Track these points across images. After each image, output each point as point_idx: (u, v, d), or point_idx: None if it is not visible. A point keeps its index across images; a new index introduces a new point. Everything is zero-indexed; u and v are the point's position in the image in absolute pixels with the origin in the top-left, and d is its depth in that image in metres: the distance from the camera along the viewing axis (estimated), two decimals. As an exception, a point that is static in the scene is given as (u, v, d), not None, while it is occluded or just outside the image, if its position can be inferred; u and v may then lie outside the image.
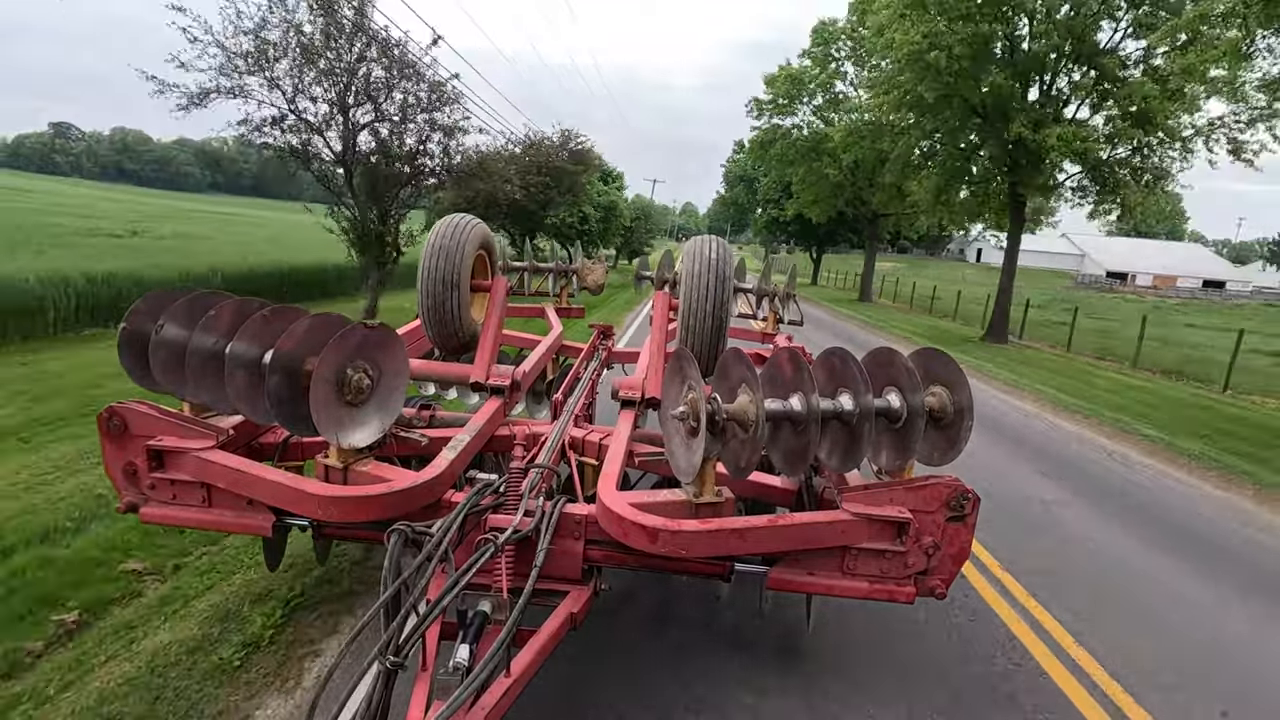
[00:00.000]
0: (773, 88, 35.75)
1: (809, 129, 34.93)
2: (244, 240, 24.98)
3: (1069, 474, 8.26)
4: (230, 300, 3.37)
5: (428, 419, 4.15)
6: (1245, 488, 8.27)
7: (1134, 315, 26.06)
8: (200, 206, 50.05)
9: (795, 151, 35.03)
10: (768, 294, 6.00)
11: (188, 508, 3.32)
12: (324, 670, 3.44)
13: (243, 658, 3.51)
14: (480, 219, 5.17)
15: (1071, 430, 10.78)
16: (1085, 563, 5.66)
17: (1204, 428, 11.22)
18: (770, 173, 40.51)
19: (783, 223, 44.49)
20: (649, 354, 4.71)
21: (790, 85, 35.10)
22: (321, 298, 18.22)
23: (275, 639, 3.70)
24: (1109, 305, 31.59)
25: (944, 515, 3.02)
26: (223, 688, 3.31)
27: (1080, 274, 67.89)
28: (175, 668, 3.41)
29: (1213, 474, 8.76)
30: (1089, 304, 35.16)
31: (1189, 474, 8.77)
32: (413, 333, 5.23)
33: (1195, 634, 4.63)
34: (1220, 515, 7.24)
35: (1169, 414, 12.22)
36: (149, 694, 3.21)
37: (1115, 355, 20.12)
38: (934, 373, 3.24)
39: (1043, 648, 4.24)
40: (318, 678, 3.40)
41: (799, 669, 3.78)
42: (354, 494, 3.00)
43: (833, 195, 34.46)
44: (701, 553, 2.89)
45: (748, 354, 3.14)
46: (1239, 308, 47.24)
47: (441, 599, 2.34)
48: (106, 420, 3.24)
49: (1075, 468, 8.62)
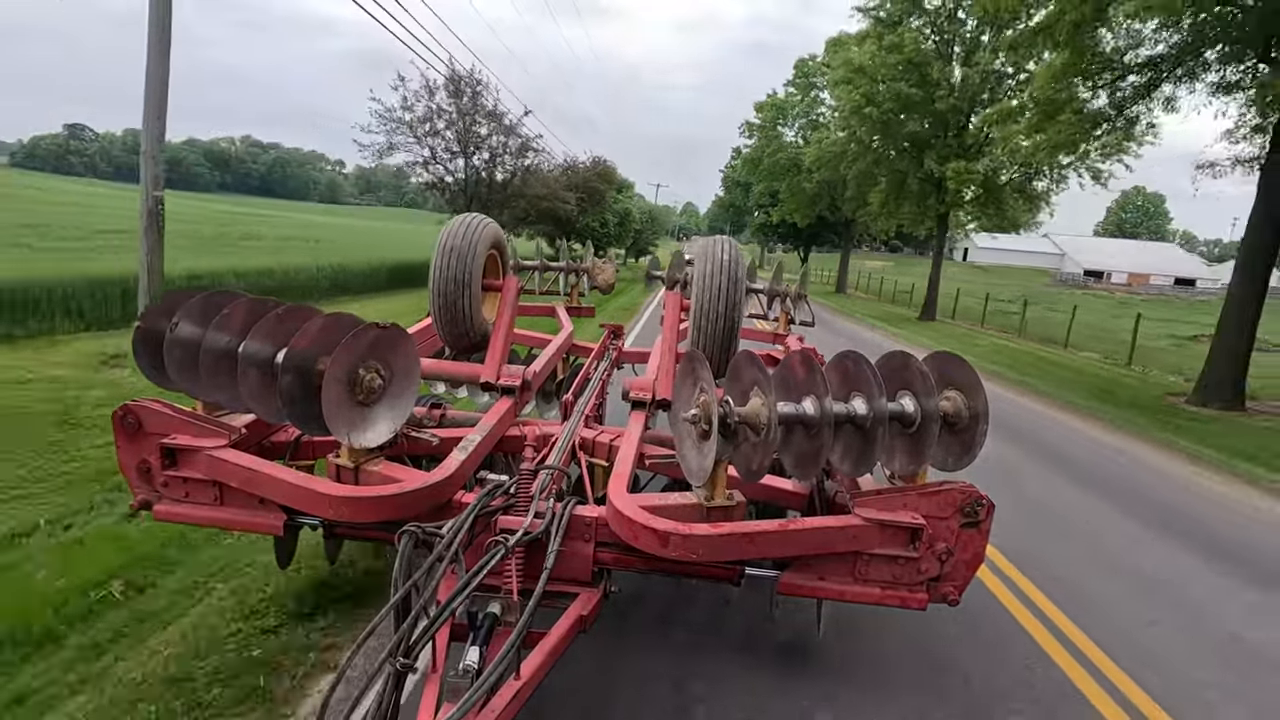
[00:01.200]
0: (761, 113, 46.27)
1: (790, 149, 42.33)
2: (354, 242, 29.78)
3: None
4: (243, 299, 3.38)
5: (438, 418, 4.15)
6: (1027, 392, 14.19)
7: (1088, 308, 31.72)
8: (257, 210, 52.53)
9: (779, 167, 42.47)
10: (779, 294, 5.97)
11: (200, 506, 3.33)
12: (335, 671, 3.45)
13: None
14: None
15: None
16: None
17: (1026, 367, 17.71)
18: (760, 183, 47.57)
19: (773, 225, 50.69)
20: (660, 355, 4.70)
21: (775, 113, 45.65)
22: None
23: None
24: (1072, 300, 35.07)
25: (958, 521, 2.98)
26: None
27: (1060, 272, 72.01)
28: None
29: (1016, 387, 14.68)
30: (1053, 299, 38.64)
31: (1001, 388, 14.12)
32: (423, 331, 5.24)
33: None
34: (1001, 402, 8.87)
35: (1009, 359, 19.08)
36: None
37: (1015, 330, 26.94)
38: (949, 377, 3.21)
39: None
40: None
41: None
42: (365, 494, 3.00)
43: (811, 203, 40.89)
44: (712, 557, 2.87)
45: (759, 355, 3.12)
46: (1203, 303, 50.19)
47: (451, 601, 2.33)
48: (121, 418, 3.26)
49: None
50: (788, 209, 42.58)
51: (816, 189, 38.74)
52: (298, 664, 3.48)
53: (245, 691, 3.24)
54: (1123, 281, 70.40)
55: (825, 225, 45.53)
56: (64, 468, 5.67)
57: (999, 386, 14.02)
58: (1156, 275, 71.63)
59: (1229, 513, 7.51)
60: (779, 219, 45.81)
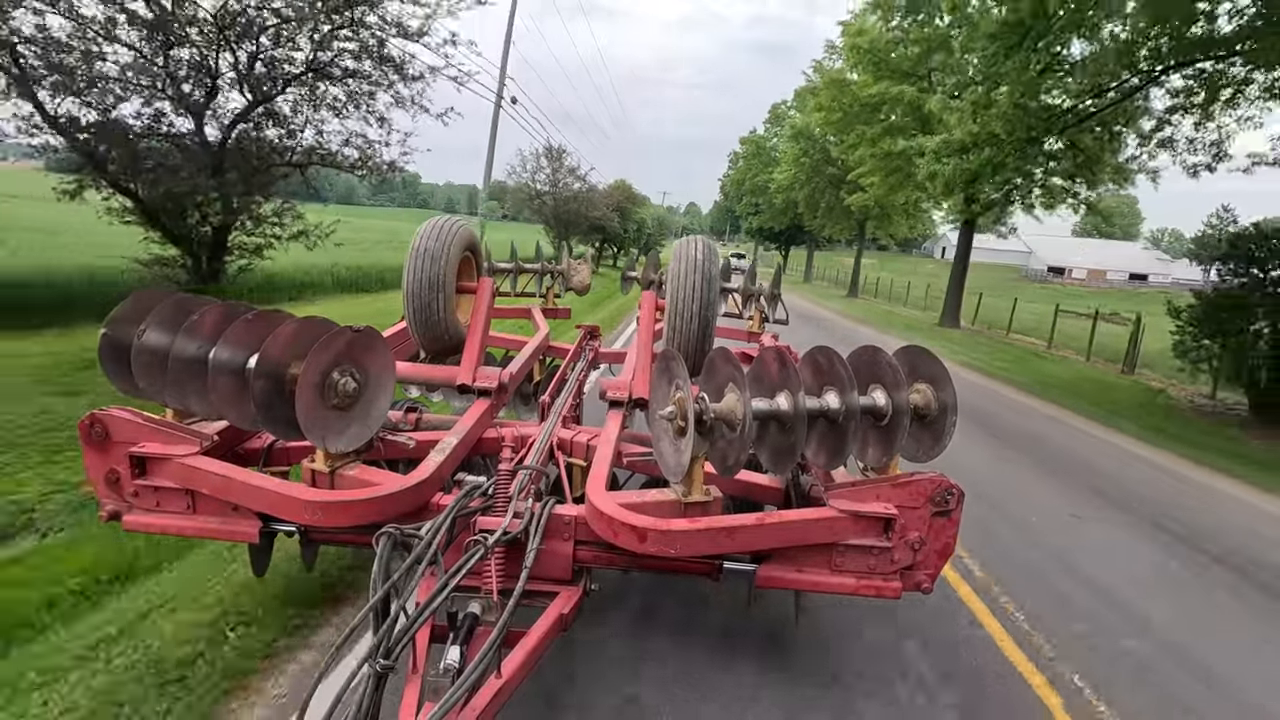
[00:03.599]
0: (744, 145, 63.51)
1: (763, 175, 55.00)
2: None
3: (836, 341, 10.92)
4: (214, 305, 3.34)
5: (414, 422, 4.13)
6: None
7: (1032, 297, 37.08)
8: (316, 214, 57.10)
9: (757, 187, 57.09)
10: (753, 294, 6.04)
11: (172, 515, 3.28)
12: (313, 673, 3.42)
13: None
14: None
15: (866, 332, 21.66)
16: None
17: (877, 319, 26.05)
18: (744, 198, 62.82)
19: (755, 230, 63.67)
20: (636, 354, 4.73)
21: (754, 146, 61.36)
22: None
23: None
24: (1029, 292, 42.56)
25: (929, 510, 3.05)
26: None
27: (1026, 269, 77.33)
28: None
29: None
30: (1009, 290, 41.99)
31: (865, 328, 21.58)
32: (398, 335, 5.21)
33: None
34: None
35: (881, 318, 27.73)
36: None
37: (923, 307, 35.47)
38: (918, 370, 3.28)
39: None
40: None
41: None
42: (342, 498, 2.99)
43: (781, 214, 53.16)
44: (690, 551, 2.91)
45: (735, 353, 3.17)
46: (1138, 294, 55.24)
47: (430, 601, 2.34)
48: (88, 428, 3.20)
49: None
50: (764, 218, 56.81)
51: (783, 204, 51.29)
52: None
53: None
54: (1082, 277, 74.70)
55: (799, 229, 55.32)
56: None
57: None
58: (1113, 271, 76.58)
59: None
60: (759, 226, 59.31)
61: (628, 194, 41.08)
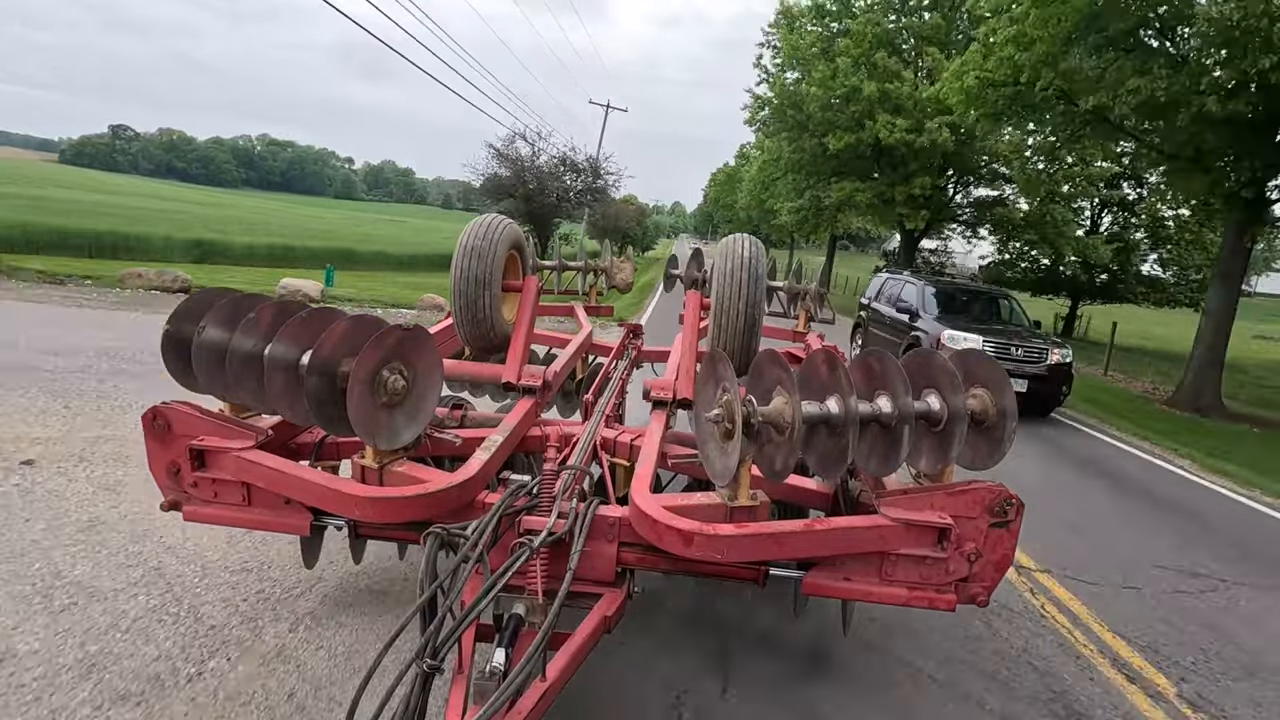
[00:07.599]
0: (715, 177, 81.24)
1: (730, 198, 71.68)
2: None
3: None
4: (271, 302, 3.41)
5: (460, 419, 4.17)
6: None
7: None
8: (325, 211, 60.82)
9: (729, 203, 73.77)
10: (799, 292, 5.93)
11: (228, 506, 3.37)
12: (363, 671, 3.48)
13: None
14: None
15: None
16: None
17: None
18: (719, 209, 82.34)
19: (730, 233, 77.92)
20: (680, 354, 4.68)
21: (726, 177, 77.96)
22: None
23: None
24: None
25: (987, 521, 2.93)
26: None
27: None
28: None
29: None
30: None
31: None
32: (444, 333, 5.26)
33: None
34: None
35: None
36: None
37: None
38: (975, 374, 3.16)
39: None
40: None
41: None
42: (391, 495, 3.02)
43: (748, 221, 62.81)
44: (737, 557, 2.85)
45: (780, 354, 3.10)
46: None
47: (478, 602, 2.34)
48: (151, 420, 3.30)
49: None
50: (736, 225, 67.68)
51: (745, 218, 63.44)
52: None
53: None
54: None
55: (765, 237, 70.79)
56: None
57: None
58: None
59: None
60: (731, 232, 73.98)
61: (640, 209, 52.27)
